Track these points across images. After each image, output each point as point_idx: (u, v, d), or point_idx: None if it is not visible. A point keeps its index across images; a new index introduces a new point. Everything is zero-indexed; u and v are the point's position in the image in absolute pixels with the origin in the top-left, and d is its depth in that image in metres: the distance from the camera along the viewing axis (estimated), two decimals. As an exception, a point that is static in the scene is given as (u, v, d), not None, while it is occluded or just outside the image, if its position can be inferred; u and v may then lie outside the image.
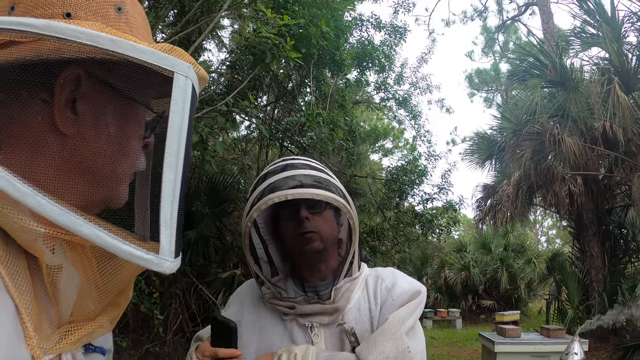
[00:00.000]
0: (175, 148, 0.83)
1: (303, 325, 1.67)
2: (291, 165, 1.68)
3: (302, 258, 1.72)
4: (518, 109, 12.83)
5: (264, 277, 1.73)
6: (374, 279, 1.77)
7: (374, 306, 1.69)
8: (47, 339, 0.80)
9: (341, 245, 1.80)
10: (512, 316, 9.10)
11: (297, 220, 1.63)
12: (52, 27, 0.75)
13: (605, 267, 11.69)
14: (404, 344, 1.53)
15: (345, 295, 1.69)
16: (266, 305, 1.75)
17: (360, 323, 1.66)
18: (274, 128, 8.37)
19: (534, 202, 13.46)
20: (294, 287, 1.75)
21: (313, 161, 1.76)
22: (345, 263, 1.71)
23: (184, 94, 0.85)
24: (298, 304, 1.68)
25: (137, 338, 7.66)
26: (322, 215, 1.68)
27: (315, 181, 1.62)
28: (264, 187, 1.63)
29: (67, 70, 0.80)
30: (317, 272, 1.73)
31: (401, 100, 15.32)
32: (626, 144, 10.54)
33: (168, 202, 0.83)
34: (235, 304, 1.81)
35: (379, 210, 13.15)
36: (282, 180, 1.61)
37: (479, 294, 19.77)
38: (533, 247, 22.06)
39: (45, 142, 0.80)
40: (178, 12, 7.83)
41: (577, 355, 4.70)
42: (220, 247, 8.98)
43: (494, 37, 27.76)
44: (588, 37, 12.15)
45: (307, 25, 5.91)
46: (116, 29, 0.83)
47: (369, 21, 12.27)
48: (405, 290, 1.70)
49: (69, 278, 0.82)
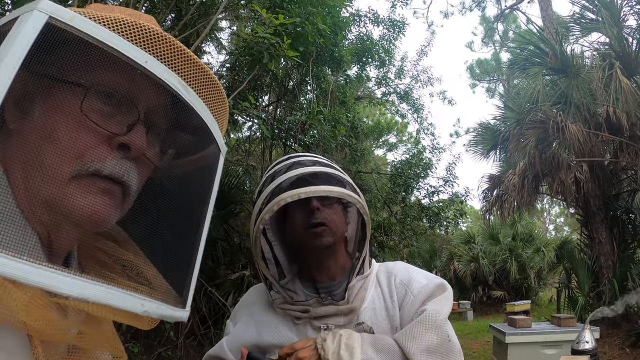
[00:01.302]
0: (210, 211, 0.83)
1: (318, 327, 1.62)
2: (298, 163, 1.64)
3: (311, 254, 1.67)
4: (520, 97, 12.81)
5: (273, 279, 1.68)
6: (386, 275, 1.74)
7: (390, 304, 1.66)
8: (54, 349, 0.78)
9: (348, 244, 1.76)
10: (523, 306, 9.04)
11: (308, 212, 1.59)
12: None
13: (614, 253, 11.63)
14: (444, 333, 1.51)
15: (360, 295, 1.65)
16: (277, 311, 1.69)
17: (377, 322, 1.63)
18: (277, 128, 8.37)
19: (541, 191, 13.40)
20: (303, 289, 1.70)
21: (320, 157, 1.73)
22: (358, 260, 1.67)
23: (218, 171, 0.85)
24: (311, 306, 1.63)
25: (149, 343, 7.67)
26: (332, 208, 1.64)
27: (326, 177, 1.59)
28: (273, 187, 1.58)
29: None
30: (326, 270, 1.69)
31: (403, 94, 15.30)
32: (630, 129, 10.50)
33: (198, 260, 0.83)
34: (244, 315, 1.76)
35: (386, 205, 13.13)
36: (290, 178, 1.58)
37: (489, 285, 19.75)
38: (541, 236, 22.00)
39: None
40: (175, 16, 7.83)
41: (588, 344, 4.69)
42: (228, 249, 8.99)
43: (494, 27, 27.72)
44: (587, 23, 12.09)
45: (302, 23, 5.90)
46: None
47: (366, 16, 12.25)
48: (424, 284, 1.66)
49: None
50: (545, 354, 6.78)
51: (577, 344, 4.76)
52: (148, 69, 0.79)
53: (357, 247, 1.73)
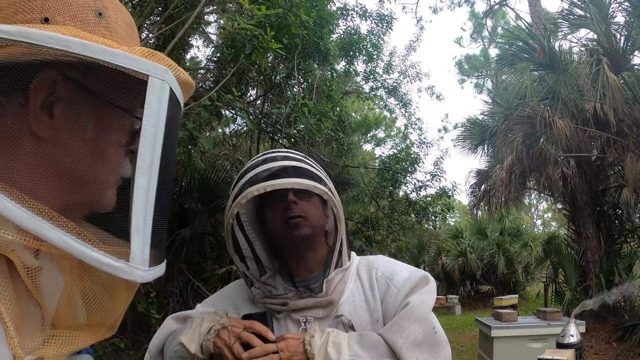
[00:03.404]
0: (149, 152, 0.82)
1: (297, 320, 1.64)
2: (270, 158, 1.66)
3: (290, 247, 1.68)
4: (508, 93, 12.80)
5: (252, 276, 1.70)
6: (366, 268, 1.75)
7: (370, 297, 1.67)
8: (31, 339, 0.80)
9: (329, 237, 1.77)
10: (510, 300, 9.11)
11: (285, 205, 1.61)
12: (23, 32, 0.76)
13: (601, 248, 11.70)
14: (430, 324, 1.52)
15: (339, 288, 1.66)
16: (258, 306, 1.71)
17: (356, 315, 1.64)
18: (264, 122, 8.34)
19: (528, 186, 13.46)
20: (283, 283, 1.71)
21: (293, 152, 1.74)
22: (334, 253, 1.68)
23: (159, 97, 0.84)
24: (290, 299, 1.64)
25: (136, 338, 7.63)
26: (310, 201, 1.66)
27: (296, 171, 1.60)
28: (244, 182, 1.61)
29: (41, 74, 0.80)
30: (305, 262, 1.70)
31: (391, 89, 15.29)
32: (617, 125, 10.55)
33: (140, 208, 0.81)
34: (228, 307, 1.74)
35: (373, 200, 13.15)
36: (261, 172, 1.60)
37: (476, 280, 19.81)
38: (529, 231, 22.11)
39: (19, 146, 0.80)
40: (163, 9, 7.77)
41: (573, 337, 4.70)
42: (215, 244, 8.94)
43: (482, 23, 27.72)
44: (576, 19, 12.12)
45: (285, 14, 5.87)
46: (95, 33, 0.85)
47: (354, 10, 12.22)
48: (406, 277, 1.67)
49: (51, 279, 0.82)
50: (531, 348, 6.80)
51: (562, 338, 4.78)
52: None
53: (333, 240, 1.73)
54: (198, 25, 8.98)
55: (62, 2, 0.85)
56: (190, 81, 0.97)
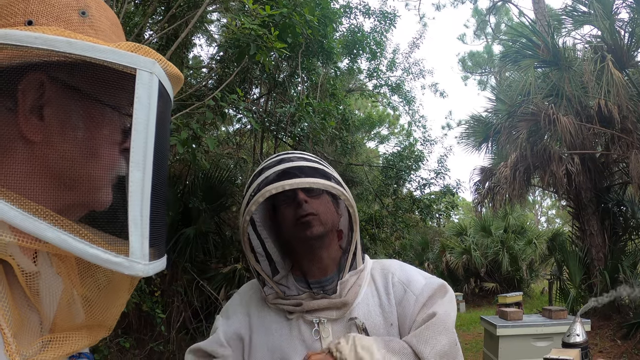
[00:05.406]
0: (142, 146, 0.81)
1: (310, 321, 1.63)
2: (287, 159, 1.66)
3: (302, 246, 1.67)
4: (512, 90, 12.80)
5: (265, 275, 1.70)
6: (381, 272, 1.76)
7: (385, 301, 1.68)
8: (29, 345, 0.80)
9: (342, 237, 1.77)
10: (514, 298, 9.06)
11: (296, 204, 1.62)
12: (9, 35, 0.75)
13: (605, 245, 11.68)
14: (454, 337, 1.56)
15: (354, 290, 1.66)
16: (270, 307, 1.71)
17: (370, 318, 1.64)
18: (267, 120, 8.32)
19: (532, 183, 13.43)
20: (296, 283, 1.71)
21: (308, 154, 1.75)
22: (348, 254, 1.69)
23: (149, 89, 0.83)
24: (304, 300, 1.64)
25: (141, 338, 7.65)
26: (320, 199, 1.66)
27: (311, 171, 1.61)
28: (260, 180, 1.62)
29: (28, 76, 0.79)
30: (319, 262, 1.70)
31: (394, 86, 15.25)
32: (622, 121, 10.51)
33: (136, 202, 0.81)
34: (242, 310, 1.75)
35: (377, 198, 13.10)
36: (278, 172, 1.61)
37: (481, 277, 19.84)
38: (533, 228, 22.13)
39: (12, 150, 0.80)
40: (166, 9, 7.76)
41: (579, 337, 4.67)
42: (219, 242, 8.95)
43: (486, 19, 27.65)
44: (580, 15, 12.08)
45: (290, 14, 5.86)
46: (80, 33, 0.84)
47: (357, 8, 12.19)
48: (424, 284, 1.68)
49: (49, 284, 0.82)
50: (536, 347, 6.78)
51: (567, 337, 4.73)
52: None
53: (347, 241, 1.74)
54: (201, 24, 8.97)
55: (44, 4, 0.85)
56: (178, 74, 0.96)
